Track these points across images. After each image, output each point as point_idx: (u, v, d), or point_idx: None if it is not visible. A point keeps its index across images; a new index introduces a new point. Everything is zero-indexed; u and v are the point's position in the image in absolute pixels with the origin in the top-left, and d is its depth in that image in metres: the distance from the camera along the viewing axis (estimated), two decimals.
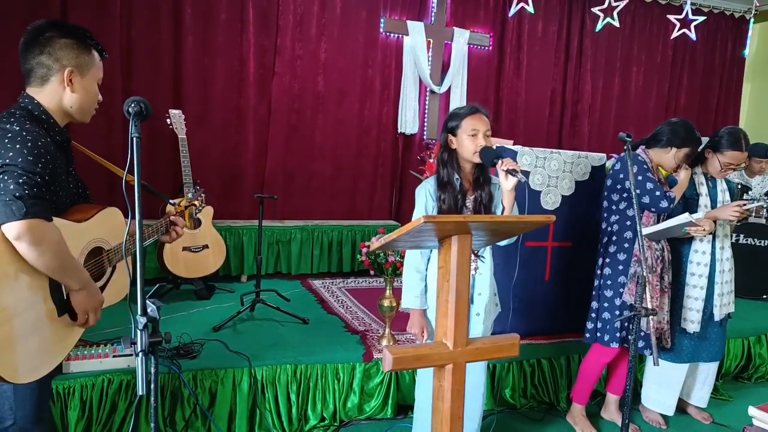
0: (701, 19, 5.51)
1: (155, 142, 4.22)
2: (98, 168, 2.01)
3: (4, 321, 1.40)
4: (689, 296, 2.70)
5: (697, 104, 6.47)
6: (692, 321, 2.69)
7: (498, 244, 2.10)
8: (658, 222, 2.62)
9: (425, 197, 2.12)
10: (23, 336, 1.45)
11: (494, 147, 2.10)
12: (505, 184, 1.99)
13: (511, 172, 1.95)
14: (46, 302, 1.51)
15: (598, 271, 2.71)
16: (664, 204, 2.51)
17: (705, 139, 2.76)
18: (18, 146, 1.41)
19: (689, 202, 2.70)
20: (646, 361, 3.02)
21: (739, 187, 3.04)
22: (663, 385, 2.82)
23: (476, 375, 2.22)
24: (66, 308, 1.57)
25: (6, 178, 1.38)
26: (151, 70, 4.33)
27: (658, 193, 2.50)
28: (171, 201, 1.98)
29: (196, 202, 2.06)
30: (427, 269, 2.15)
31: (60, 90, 1.56)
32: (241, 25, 4.57)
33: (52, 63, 1.54)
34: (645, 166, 2.58)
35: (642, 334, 2.57)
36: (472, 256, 2.11)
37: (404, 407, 2.85)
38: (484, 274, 2.15)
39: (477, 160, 2.06)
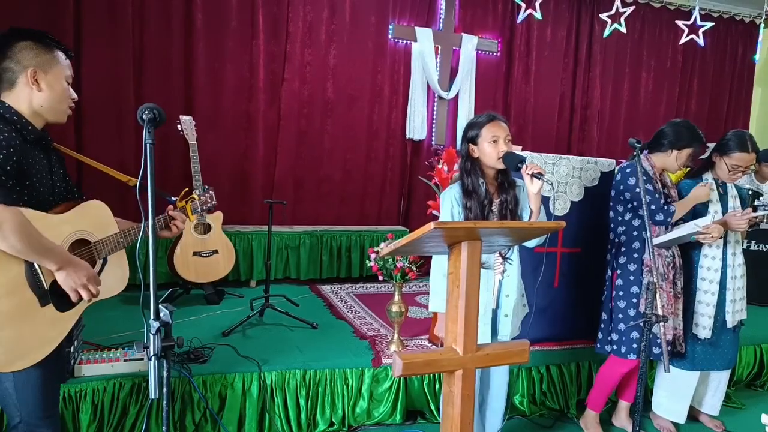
0: (709, 25, 5.48)
1: (166, 147, 4.26)
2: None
3: None
4: (700, 302, 2.68)
5: (707, 109, 6.43)
6: (704, 327, 2.67)
7: (526, 245, 2.11)
8: (666, 229, 2.61)
9: (451, 203, 2.14)
10: None
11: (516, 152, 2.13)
12: (531, 188, 2.01)
13: (536, 175, 1.97)
14: (23, 292, 1.53)
15: (608, 282, 2.69)
16: (660, 217, 2.49)
17: (711, 145, 2.75)
18: None
19: (698, 209, 2.69)
20: (657, 368, 2.99)
21: (750, 192, 3.02)
22: (674, 392, 2.80)
23: (501, 375, 2.27)
24: (50, 298, 1.59)
25: None
26: (162, 75, 4.38)
27: (653, 206, 2.49)
28: (171, 198, 2.00)
29: (197, 196, 2.06)
30: None
31: (27, 91, 1.61)
32: (251, 31, 4.61)
33: (15, 66, 1.60)
34: (645, 177, 2.56)
35: (657, 341, 2.56)
36: (500, 258, 2.13)
37: (413, 413, 2.85)
38: (512, 276, 2.17)
39: (501, 166, 2.08)
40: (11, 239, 1.45)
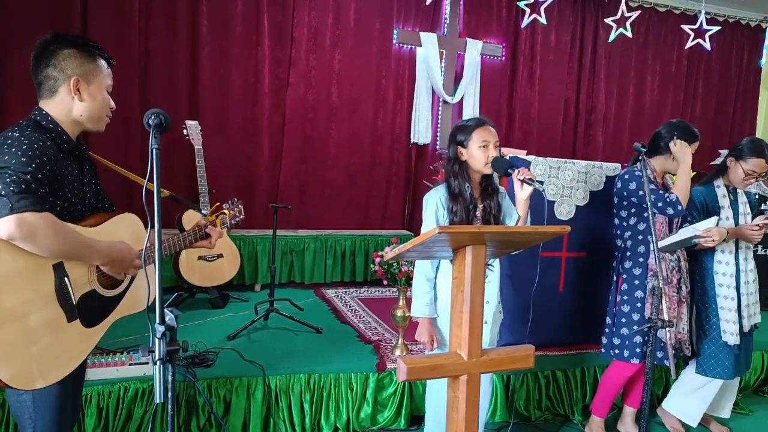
0: (715, 29, 5.47)
1: (172, 152, 4.28)
2: (116, 178, 2.04)
3: (0, 325, 1.39)
4: (723, 308, 2.66)
5: (713, 114, 6.41)
6: (732, 333, 2.64)
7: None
8: (670, 232, 2.60)
9: (436, 205, 2.14)
10: (25, 341, 1.43)
11: (507, 157, 2.12)
12: (520, 194, 2.00)
13: (526, 181, 1.96)
14: (52, 307, 1.50)
15: (614, 288, 2.68)
16: (670, 211, 2.48)
17: (723, 152, 2.75)
18: (14, 150, 1.44)
19: (712, 215, 2.68)
20: (682, 372, 2.96)
21: (758, 197, 3.01)
22: (695, 395, 2.79)
23: (483, 384, 2.24)
24: (78, 314, 1.56)
25: None
26: (168, 81, 4.41)
27: (660, 203, 2.48)
28: (203, 212, 2.01)
29: (226, 211, 2.07)
30: (436, 277, 2.16)
31: (68, 100, 1.58)
32: (256, 37, 4.64)
33: (58, 74, 1.57)
34: (643, 180, 2.54)
35: (661, 345, 2.55)
36: None
37: (418, 418, 2.84)
38: (492, 282, 2.17)
39: (489, 171, 2.08)
40: (50, 245, 1.43)
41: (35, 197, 1.42)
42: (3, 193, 1.38)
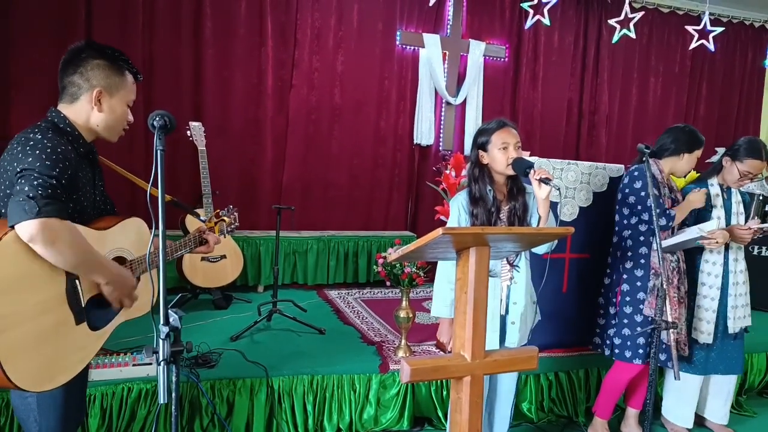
0: (719, 30, 5.46)
1: (175, 153, 4.29)
2: (119, 181, 2.05)
3: (13, 326, 1.39)
4: (700, 307, 2.69)
5: (717, 115, 6.40)
6: (702, 332, 2.67)
7: (536, 251, 2.11)
8: (672, 233, 2.60)
9: (458, 210, 2.15)
10: (36, 342, 1.44)
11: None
12: (539, 193, 2.01)
13: (543, 180, 1.97)
14: (62, 309, 1.50)
15: (616, 288, 2.67)
16: (663, 221, 2.48)
17: (720, 150, 2.75)
18: (37, 152, 1.45)
19: (702, 213, 2.68)
20: (666, 374, 2.97)
21: (761, 198, 3.00)
22: (681, 396, 2.80)
23: (509, 381, 2.28)
24: (86, 317, 1.57)
25: (23, 182, 1.41)
26: (172, 82, 4.42)
27: (657, 210, 2.48)
28: (201, 218, 2.03)
29: (225, 219, 2.09)
30: None
31: (88, 109, 1.60)
32: (259, 38, 4.65)
33: (82, 82, 1.58)
34: (652, 180, 2.53)
35: (663, 346, 2.55)
36: (508, 266, 2.12)
37: (420, 419, 2.84)
38: (519, 283, 2.16)
39: (510, 172, 2.09)
40: (67, 254, 1.44)
41: (60, 204, 1.44)
42: (31, 195, 1.39)
